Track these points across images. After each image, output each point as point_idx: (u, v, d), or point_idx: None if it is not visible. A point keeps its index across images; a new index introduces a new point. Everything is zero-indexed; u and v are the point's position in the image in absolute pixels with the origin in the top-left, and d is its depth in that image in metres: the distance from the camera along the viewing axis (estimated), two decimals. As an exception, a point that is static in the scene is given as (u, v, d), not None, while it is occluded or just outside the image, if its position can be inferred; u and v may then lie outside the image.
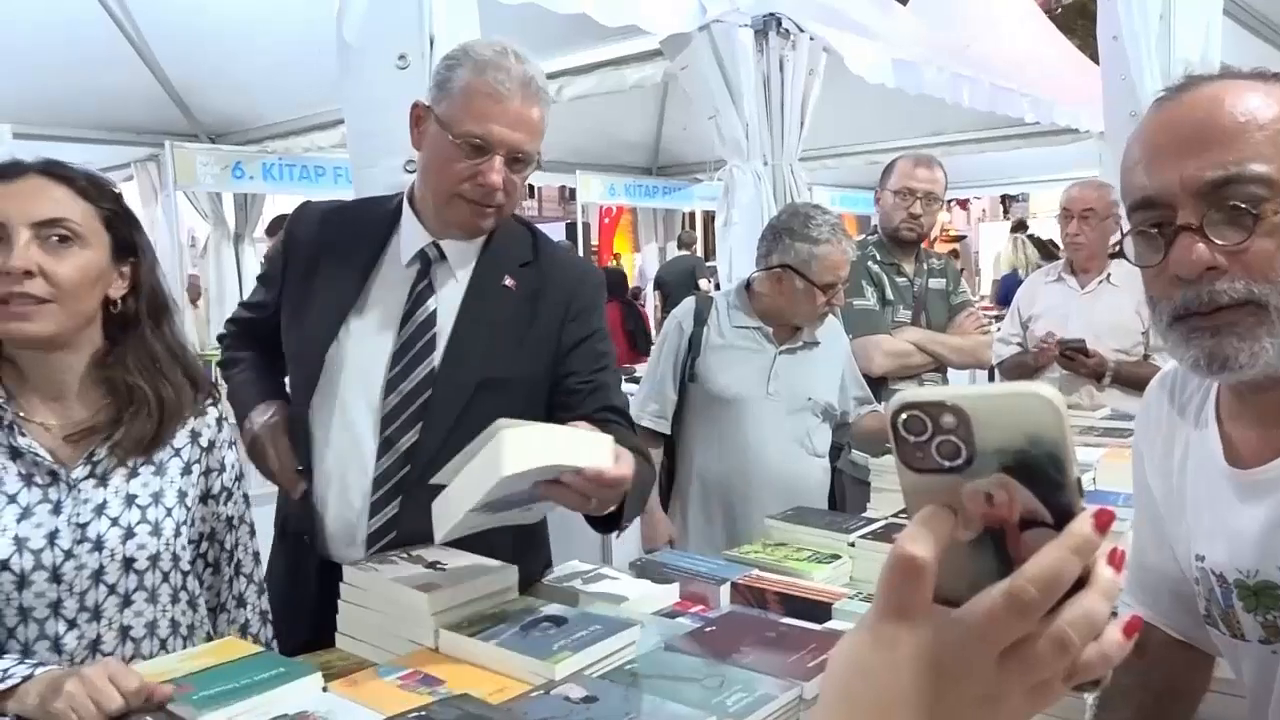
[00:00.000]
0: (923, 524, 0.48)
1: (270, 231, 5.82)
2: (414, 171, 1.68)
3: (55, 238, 1.28)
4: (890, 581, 0.48)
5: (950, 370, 3.15)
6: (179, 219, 5.74)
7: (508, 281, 1.63)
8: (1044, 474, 0.47)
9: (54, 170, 1.32)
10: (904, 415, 0.48)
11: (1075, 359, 3.17)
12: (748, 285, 2.53)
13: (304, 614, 1.56)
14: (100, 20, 4.32)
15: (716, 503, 2.44)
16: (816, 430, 2.48)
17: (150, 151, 5.63)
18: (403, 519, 1.55)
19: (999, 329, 3.59)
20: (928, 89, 4.18)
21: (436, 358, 1.58)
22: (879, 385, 2.76)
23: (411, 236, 1.63)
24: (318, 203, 1.79)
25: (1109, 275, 3.32)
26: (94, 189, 1.35)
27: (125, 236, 1.37)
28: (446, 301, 1.61)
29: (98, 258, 1.33)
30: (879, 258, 3.03)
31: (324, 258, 1.64)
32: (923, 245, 3.15)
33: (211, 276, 6.22)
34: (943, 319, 3.08)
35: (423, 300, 1.60)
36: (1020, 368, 3.41)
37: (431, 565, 1.42)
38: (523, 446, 1.19)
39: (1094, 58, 5.70)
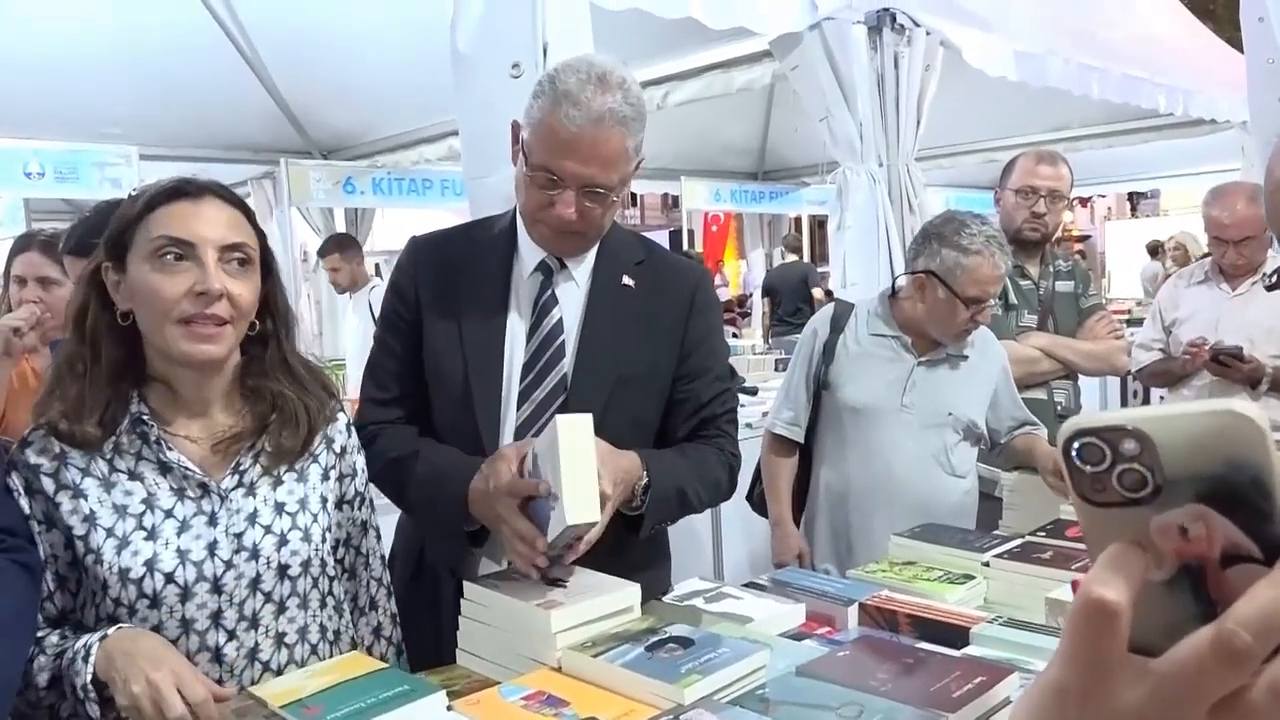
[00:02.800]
0: (1111, 564, 0.42)
1: (322, 253, 5.61)
2: None
3: (237, 261, 1.32)
4: (1080, 631, 0.42)
5: (1081, 377, 2.98)
6: (293, 234, 5.91)
7: (626, 280, 1.63)
8: (1248, 502, 0.40)
9: (224, 194, 1.36)
10: (1078, 443, 0.42)
11: (1230, 365, 2.96)
12: (893, 293, 2.43)
13: (427, 627, 1.55)
14: (220, 43, 4.48)
15: (842, 517, 2.35)
16: (956, 448, 2.32)
17: (266, 169, 5.79)
18: None
19: (1134, 334, 3.39)
20: (1053, 81, 3.97)
21: (567, 364, 1.58)
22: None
23: (530, 249, 1.63)
24: (426, 235, 1.74)
25: (1264, 275, 3.10)
26: (252, 214, 1.39)
27: (267, 259, 1.42)
28: (570, 307, 1.61)
29: (260, 280, 1.37)
30: (1001, 259, 2.89)
31: (457, 279, 1.63)
32: (1049, 246, 3.00)
33: (324, 289, 6.40)
34: (1072, 323, 2.91)
35: (547, 310, 1.60)
36: (1163, 374, 3.22)
37: (553, 583, 1.40)
38: (585, 432, 1.32)
39: (1231, 43, 5.40)
